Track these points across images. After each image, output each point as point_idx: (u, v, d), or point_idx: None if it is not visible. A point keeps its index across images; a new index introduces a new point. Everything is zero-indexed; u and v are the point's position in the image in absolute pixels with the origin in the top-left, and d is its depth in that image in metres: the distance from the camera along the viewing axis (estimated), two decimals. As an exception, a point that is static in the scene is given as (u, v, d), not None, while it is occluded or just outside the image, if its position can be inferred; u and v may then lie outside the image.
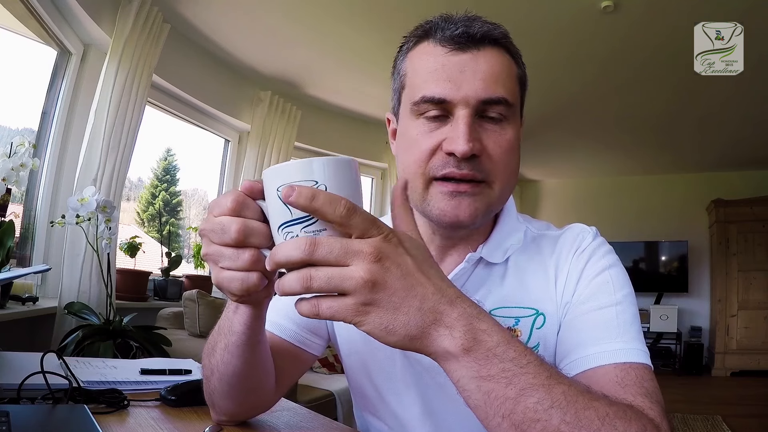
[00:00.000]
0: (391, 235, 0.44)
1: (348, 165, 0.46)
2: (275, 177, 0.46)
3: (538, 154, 5.74)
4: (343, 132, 4.51)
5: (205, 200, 4.49)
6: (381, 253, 0.42)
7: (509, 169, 0.67)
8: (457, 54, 0.65)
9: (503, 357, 0.45)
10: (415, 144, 0.66)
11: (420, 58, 0.68)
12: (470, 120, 0.63)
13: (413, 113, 0.67)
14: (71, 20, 2.48)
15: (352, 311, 0.43)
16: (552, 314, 0.68)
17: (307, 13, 3.00)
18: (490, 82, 0.64)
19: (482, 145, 0.64)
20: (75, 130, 2.58)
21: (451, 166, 0.64)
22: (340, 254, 0.42)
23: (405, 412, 0.74)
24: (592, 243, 0.71)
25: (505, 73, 0.66)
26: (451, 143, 0.63)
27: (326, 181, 0.44)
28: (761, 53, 2.98)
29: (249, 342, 0.59)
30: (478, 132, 0.64)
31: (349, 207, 0.42)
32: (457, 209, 0.65)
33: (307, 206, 0.42)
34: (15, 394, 0.70)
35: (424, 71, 0.66)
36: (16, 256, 2.31)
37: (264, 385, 0.68)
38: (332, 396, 2.55)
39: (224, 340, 0.60)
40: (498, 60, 0.66)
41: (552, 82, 3.82)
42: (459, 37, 0.65)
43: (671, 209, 6.20)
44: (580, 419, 0.44)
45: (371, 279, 0.42)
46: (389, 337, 0.44)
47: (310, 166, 0.45)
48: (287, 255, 0.43)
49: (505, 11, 2.85)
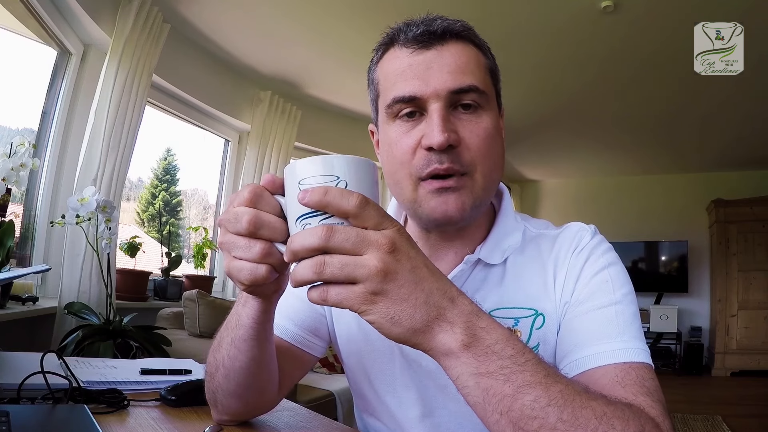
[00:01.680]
0: (403, 230, 0.45)
1: (369, 165, 0.47)
2: (296, 172, 0.47)
3: (538, 154, 5.74)
4: (343, 132, 4.51)
5: (205, 200, 4.50)
6: (395, 244, 0.44)
7: (490, 157, 0.67)
8: (422, 52, 0.66)
9: (501, 354, 0.45)
10: (395, 145, 0.67)
11: (388, 64, 0.69)
12: (443, 112, 0.64)
13: (389, 117, 0.68)
14: (71, 20, 2.48)
15: (360, 299, 0.43)
16: (551, 314, 0.68)
17: (307, 13, 3.00)
18: (458, 74, 0.65)
19: (459, 136, 0.65)
20: (75, 130, 2.58)
21: (434, 162, 0.64)
22: (356, 242, 0.43)
23: (404, 414, 0.74)
24: (591, 241, 0.71)
25: (473, 63, 0.67)
26: (428, 137, 0.64)
27: (347, 177, 0.45)
28: (761, 53, 2.98)
29: (256, 337, 0.59)
30: (454, 123, 0.65)
31: (362, 199, 0.44)
32: (445, 205, 0.65)
33: (320, 200, 0.43)
34: (15, 394, 0.70)
35: (393, 75, 0.67)
36: (16, 256, 2.31)
37: (268, 384, 0.68)
38: (332, 396, 2.55)
39: (231, 335, 0.61)
40: (463, 52, 0.67)
41: (552, 82, 3.83)
42: (421, 36, 0.66)
43: (671, 209, 6.20)
44: (577, 418, 0.45)
45: (384, 269, 0.43)
46: (393, 329, 0.44)
47: (331, 162, 0.46)
48: (304, 242, 0.43)
49: (506, 11, 2.85)
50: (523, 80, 3.74)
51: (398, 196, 0.70)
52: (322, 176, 0.45)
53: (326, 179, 0.45)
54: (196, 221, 4.43)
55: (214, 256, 3.78)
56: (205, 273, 3.48)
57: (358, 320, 0.75)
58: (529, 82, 3.78)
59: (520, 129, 4.71)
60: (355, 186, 0.45)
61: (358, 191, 0.44)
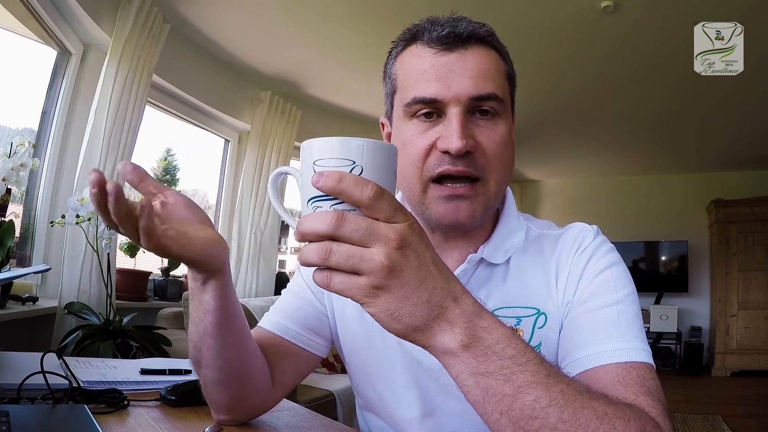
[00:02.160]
0: (416, 224, 0.45)
1: (389, 151, 0.46)
2: (313, 151, 0.45)
3: (538, 154, 5.74)
4: (343, 132, 4.49)
5: (205, 200, 4.50)
6: (404, 241, 0.43)
7: (503, 163, 0.68)
8: (445, 54, 0.66)
9: (502, 354, 0.45)
10: (409, 144, 0.67)
11: (409, 61, 0.69)
12: (462, 117, 0.64)
13: (406, 115, 0.68)
14: (71, 20, 2.48)
15: (362, 291, 0.43)
16: (553, 314, 0.68)
17: (307, 14, 3.00)
18: (480, 79, 0.65)
19: (476, 142, 0.65)
20: (75, 130, 2.58)
21: (447, 164, 0.64)
22: (365, 234, 0.42)
23: (405, 414, 0.74)
24: (593, 242, 0.71)
25: (494, 69, 0.67)
26: (445, 141, 0.64)
27: (363, 162, 0.44)
28: (761, 53, 2.98)
29: (225, 316, 0.60)
30: (471, 129, 0.65)
31: (377, 189, 0.42)
32: (455, 213, 0.65)
33: (334, 187, 0.42)
34: (15, 394, 0.70)
35: (414, 73, 0.67)
36: (16, 256, 2.31)
37: (255, 373, 0.67)
38: (332, 396, 2.55)
39: (201, 326, 0.61)
40: (485, 57, 0.67)
41: (552, 82, 3.82)
42: (446, 38, 0.66)
43: (671, 209, 6.20)
44: (578, 418, 0.45)
45: (390, 265, 0.42)
46: (393, 324, 0.44)
47: (348, 145, 0.44)
48: (313, 226, 0.43)
49: (506, 12, 2.85)
50: (523, 80, 3.65)
51: (407, 194, 0.70)
52: (338, 159, 0.44)
53: (341, 162, 0.44)
54: (196, 221, 4.42)
55: (214, 256, 3.78)
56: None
57: (360, 320, 0.75)
58: (529, 82, 3.77)
59: (520, 129, 4.66)
60: (370, 172, 0.44)
61: (374, 178, 0.43)
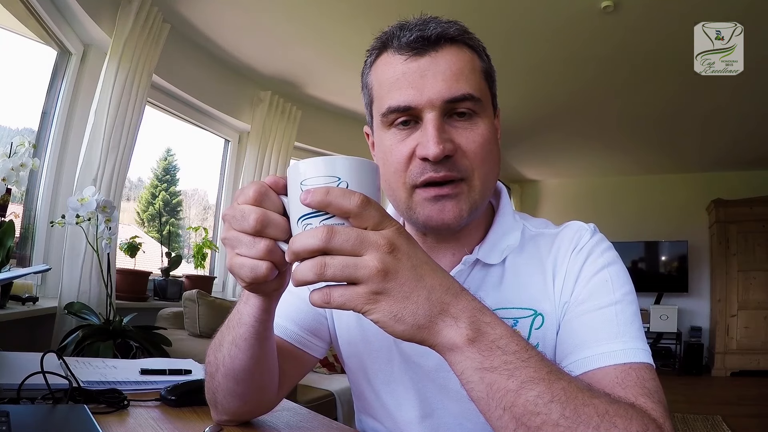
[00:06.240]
0: (402, 229, 0.46)
1: (371, 167, 0.48)
2: (299, 172, 0.47)
3: (538, 154, 5.74)
4: (343, 132, 4.50)
5: (205, 200, 4.50)
6: (394, 244, 0.44)
7: (487, 163, 0.67)
8: (416, 59, 0.65)
9: (506, 349, 0.46)
10: (390, 154, 0.67)
11: (382, 70, 0.68)
12: (438, 122, 0.64)
13: (384, 125, 0.68)
14: (71, 20, 2.48)
15: (362, 299, 0.44)
16: (550, 314, 0.68)
17: (307, 13, 3.00)
18: (452, 81, 0.64)
19: (455, 144, 0.64)
20: (75, 130, 2.58)
21: (429, 171, 0.64)
22: (355, 243, 0.43)
23: (403, 415, 0.74)
24: (590, 240, 0.70)
25: (468, 68, 0.66)
26: (423, 148, 0.63)
27: (348, 178, 0.46)
28: (761, 53, 2.98)
29: (257, 335, 0.60)
30: (449, 132, 0.65)
31: (364, 199, 0.44)
32: (442, 213, 0.65)
33: (322, 200, 0.44)
34: (15, 394, 0.70)
35: (387, 82, 0.67)
36: (16, 256, 2.31)
37: (268, 384, 0.68)
38: (332, 396, 2.55)
39: (232, 333, 0.61)
40: (458, 57, 0.66)
41: (552, 82, 3.82)
42: (415, 42, 0.65)
43: (671, 209, 6.20)
44: (579, 415, 0.45)
45: (384, 268, 0.43)
46: (397, 326, 0.45)
47: (333, 163, 0.46)
48: (304, 243, 0.44)
49: (505, 12, 2.85)
50: (523, 80, 3.74)
51: (393, 202, 0.70)
52: (324, 177, 0.46)
53: (328, 180, 0.46)
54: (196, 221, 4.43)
55: (214, 256, 3.78)
56: (205, 273, 3.48)
57: (358, 322, 0.75)
58: (529, 81, 3.78)
59: (520, 129, 4.71)
60: (356, 187, 0.46)
61: (359, 191, 0.45)
